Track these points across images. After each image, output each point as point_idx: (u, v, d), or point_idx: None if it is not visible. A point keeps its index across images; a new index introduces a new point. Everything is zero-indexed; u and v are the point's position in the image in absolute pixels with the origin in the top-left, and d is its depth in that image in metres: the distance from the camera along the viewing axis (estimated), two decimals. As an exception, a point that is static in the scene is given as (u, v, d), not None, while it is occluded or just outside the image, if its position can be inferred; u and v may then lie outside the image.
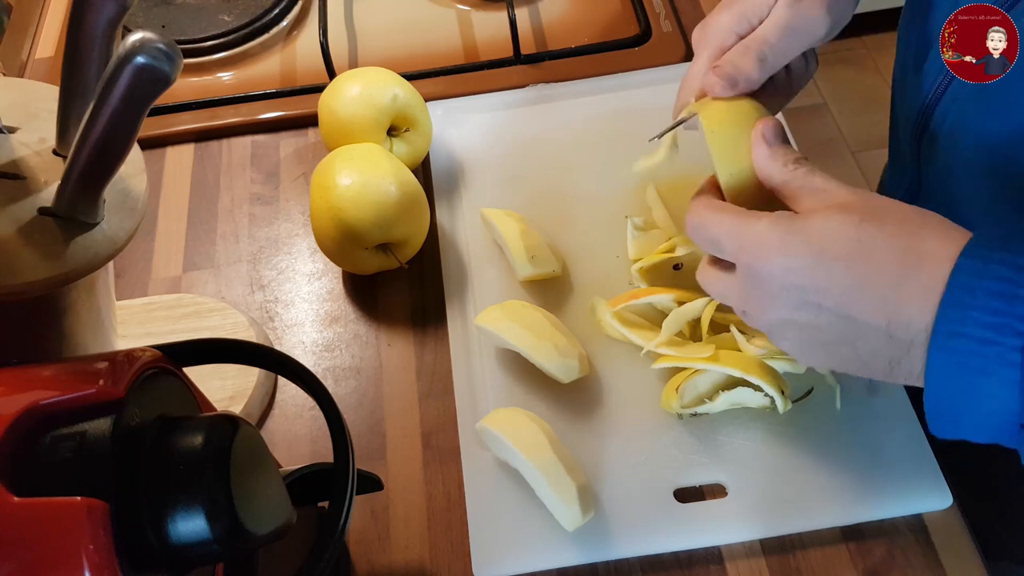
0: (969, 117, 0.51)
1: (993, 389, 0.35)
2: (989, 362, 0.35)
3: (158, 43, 0.32)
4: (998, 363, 0.35)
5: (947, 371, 0.36)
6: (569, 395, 0.56)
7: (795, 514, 0.52)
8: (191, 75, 0.78)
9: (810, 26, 0.47)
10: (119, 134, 0.36)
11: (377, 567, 0.53)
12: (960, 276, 0.36)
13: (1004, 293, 0.34)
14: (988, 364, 0.35)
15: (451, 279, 0.63)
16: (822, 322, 0.40)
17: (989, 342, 0.35)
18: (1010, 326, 0.34)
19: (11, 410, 0.30)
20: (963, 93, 0.51)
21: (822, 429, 0.54)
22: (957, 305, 0.35)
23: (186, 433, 0.34)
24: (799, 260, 0.39)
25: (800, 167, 0.42)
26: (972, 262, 0.36)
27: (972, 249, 0.36)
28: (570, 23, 0.80)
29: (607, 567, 0.51)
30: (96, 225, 0.41)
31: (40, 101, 0.45)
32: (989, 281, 0.35)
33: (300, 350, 0.62)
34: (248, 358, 0.44)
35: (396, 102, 0.65)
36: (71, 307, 0.45)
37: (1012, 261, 0.35)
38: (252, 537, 0.33)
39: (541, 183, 0.67)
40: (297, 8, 0.83)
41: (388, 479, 0.55)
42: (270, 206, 0.70)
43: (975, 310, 0.35)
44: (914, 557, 0.51)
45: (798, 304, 0.40)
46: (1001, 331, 0.34)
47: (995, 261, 0.35)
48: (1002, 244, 0.36)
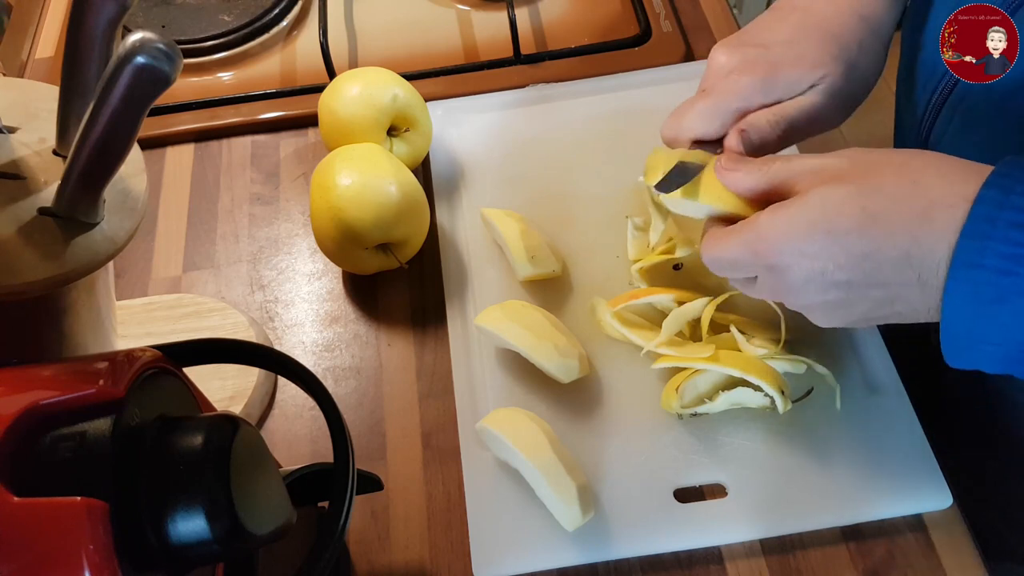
0: (974, 119, 0.51)
1: (1008, 318, 0.35)
2: (1006, 292, 0.35)
3: (158, 43, 0.32)
4: (1015, 293, 0.35)
5: (964, 300, 0.36)
6: (569, 395, 0.56)
7: (795, 514, 0.52)
8: (191, 75, 0.78)
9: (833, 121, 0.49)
10: (119, 134, 0.36)
11: (377, 567, 0.53)
12: (981, 207, 0.36)
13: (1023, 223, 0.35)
14: (1005, 293, 0.35)
15: (451, 279, 0.63)
16: (854, 296, 0.40)
17: (1007, 272, 0.35)
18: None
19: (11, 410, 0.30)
20: (968, 94, 0.51)
21: (822, 429, 0.54)
22: (977, 236, 0.36)
23: (186, 433, 0.33)
24: (811, 243, 0.39)
25: (773, 163, 0.43)
26: (993, 193, 0.36)
27: (996, 179, 0.36)
28: (570, 23, 0.80)
29: (607, 567, 0.51)
30: (96, 225, 0.41)
31: (40, 101, 0.45)
32: (1011, 212, 0.35)
33: (300, 350, 0.62)
34: (248, 358, 0.44)
35: (396, 102, 0.65)
36: (71, 307, 0.45)
37: None
38: (252, 537, 0.33)
39: (541, 183, 0.67)
40: (297, 8, 0.83)
41: (388, 479, 0.55)
42: (270, 206, 0.70)
43: (994, 240, 0.35)
44: (914, 557, 0.51)
45: (825, 287, 0.40)
46: (1020, 261, 0.35)
47: (1017, 192, 0.35)
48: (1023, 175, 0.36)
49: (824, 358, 0.54)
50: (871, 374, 0.56)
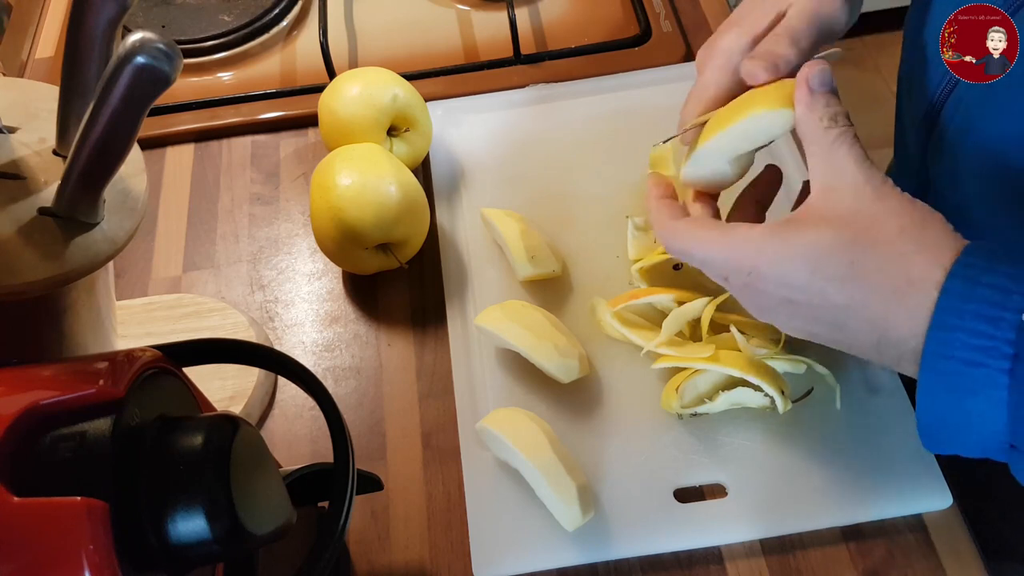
0: (977, 118, 0.51)
1: (982, 409, 0.36)
2: (977, 383, 0.35)
3: (158, 43, 0.32)
4: (986, 384, 0.35)
5: (936, 391, 0.37)
6: (569, 395, 0.56)
7: (795, 514, 0.52)
8: (191, 75, 0.78)
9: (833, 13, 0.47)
10: (119, 134, 0.36)
11: (377, 567, 0.53)
12: (948, 299, 0.36)
13: (990, 316, 0.35)
14: (976, 385, 0.35)
15: (451, 279, 0.63)
16: (814, 330, 0.41)
17: (976, 364, 0.35)
18: (997, 348, 0.35)
19: (11, 410, 0.30)
20: (970, 94, 0.51)
21: (822, 429, 0.54)
22: (945, 327, 0.36)
23: (186, 433, 0.33)
24: (795, 275, 0.40)
25: (832, 129, 0.41)
26: (960, 284, 0.36)
27: (960, 270, 0.36)
28: (570, 23, 0.80)
29: (607, 567, 0.51)
30: (96, 225, 0.41)
31: (40, 101, 0.45)
32: (976, 304, 0.35)
33: (300, 350, 0.62)
34: (248, 358, 0.44)
35: (396, 102, 0.65)
36: (71, 307, 0.45)
37: (998, 284, 0.35)
38: (252, 537, 0.33)
39: (541, 183, 0.67)
40: (297, 8, 0.83)
41: (388, 479, 0.55)
42: (270, 206, 0.70)
43: (962, 332, 0.35)
44: (914, 557, 0.51)
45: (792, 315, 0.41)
46: (988, 353, 0.35)
47: (982, 284, 0.35)
48: (989, 264, 0.36)
49: (824, 358, 0.54)
50: (871, 374, 0.56)
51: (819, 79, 0.41)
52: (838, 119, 0.41)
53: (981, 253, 0.36)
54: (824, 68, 0.42)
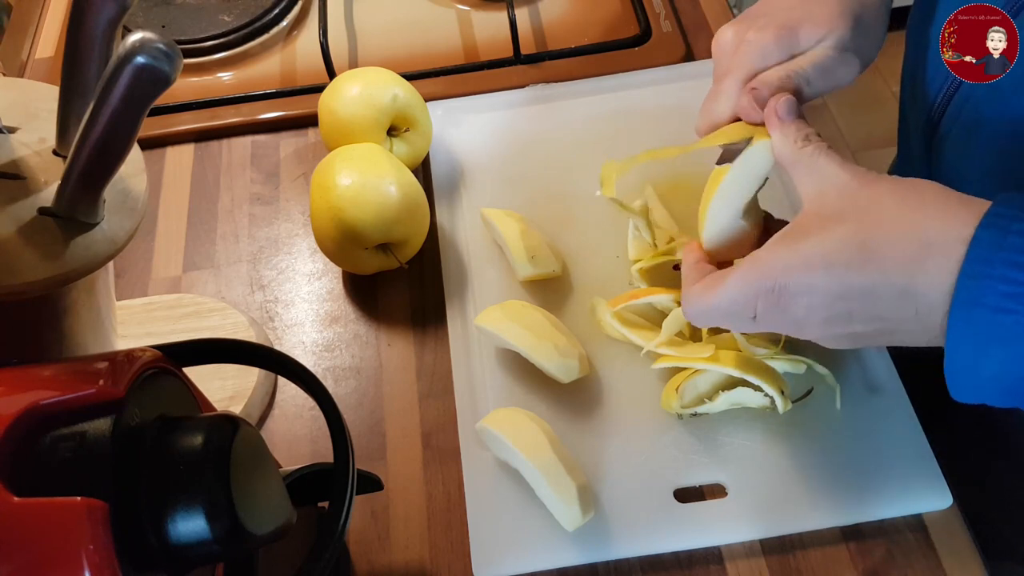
0: (981, 117, 0.51)
1: (1009, 356, 0.36)
2: (1006, 330, 0.35)
3: (158, 43, 0.32)
4: (1015, 331, 0.35)
5: (965, 339, 0.37)
6: (569, 395, 0.56)
7: (795, 514, 0.52)
8: (191, 75, 0.78)
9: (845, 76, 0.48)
10: (119, 134, 0.36)
11: (377, 567, 0.53)
12: (978, 248, 0.36)
13: (1021, 263, 0.35)
14: (1005, 332, 0.35)
15: (451, 279, 0.63)
16: (857, 329, 0.41)
17: (1006, 311, 0.35)
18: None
19: (11, 410, 0.30)
20: (974, 93, 0.51)
21: (822, 429, 0.54)
22: (975, 276, 0.36)
23: (186, 433, 0.33)
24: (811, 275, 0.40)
25: (807, 146, 0.43)
26: (990, 234, 0.36)
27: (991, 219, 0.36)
28: (570, 23, 0.80)
29: (607, 567, 0.51)
30: (96, 225, 0.41)
31: (40, 101, 0.45)
32: (1007, 252, 0.35)
33: (300, 350, 0.62)
34: (248, 358, 0.44)
35: (396, 102, 0.65)
36: (71, 307, 0.45)
37: None
38: (252, 537, 0.33)
39: (541, 183, 0.67)
40: (297, 8, 0.83)
41: (388, 479, 0.55)
42: (270, 206, 0.70)
43: (992, 280, 0.35)
44: (914, 557, 0.51)
45: (827, 319, 0.41)
46: (1019, 300, 0.35)
47: (1013, 232, 0.35)
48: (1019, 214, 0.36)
49: (824, 358, 0.54)
50: (871, 374, 0.56)
51: (785, 108, 0.44)
52: (811, 138, 0.43)
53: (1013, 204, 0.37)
54: (789, 99, 0.45)
